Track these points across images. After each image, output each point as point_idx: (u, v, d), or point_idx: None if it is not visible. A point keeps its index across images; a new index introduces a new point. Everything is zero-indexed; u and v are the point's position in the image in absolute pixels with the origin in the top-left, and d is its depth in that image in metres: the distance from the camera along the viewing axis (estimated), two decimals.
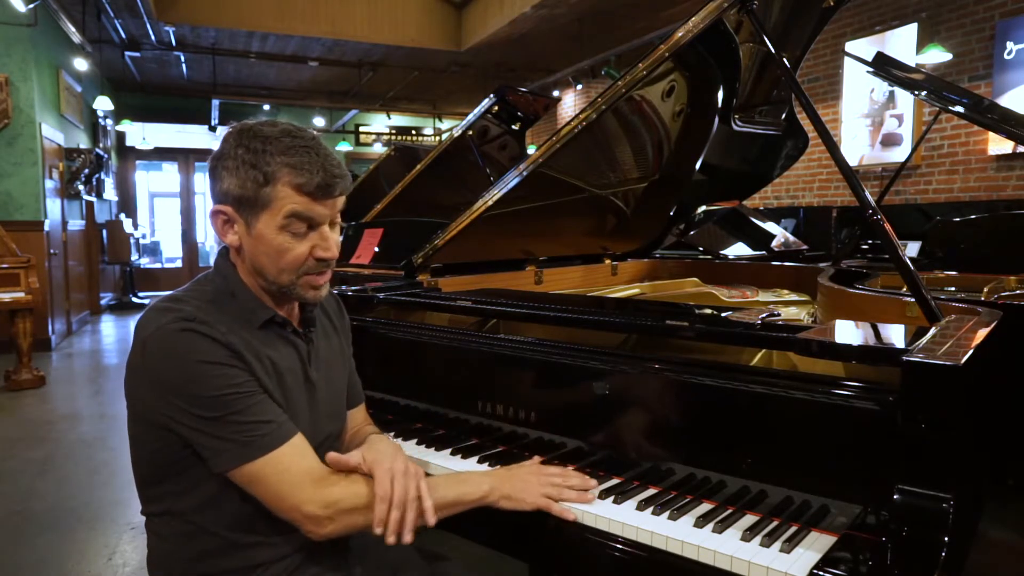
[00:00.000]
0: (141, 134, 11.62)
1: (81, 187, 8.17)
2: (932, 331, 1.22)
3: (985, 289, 2.20)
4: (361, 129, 12.65)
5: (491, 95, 3.12)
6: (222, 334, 1.10)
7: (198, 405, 1.06)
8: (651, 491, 1.27)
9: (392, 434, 1.60)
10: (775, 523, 1.12)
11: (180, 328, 1.08)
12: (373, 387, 1.67)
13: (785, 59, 1.73)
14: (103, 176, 9.22)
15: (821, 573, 0.99)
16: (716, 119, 2.26)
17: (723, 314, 1.39)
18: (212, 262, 1.26)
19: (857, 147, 6.54)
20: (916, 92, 3.44)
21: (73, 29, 7.26)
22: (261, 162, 1.09)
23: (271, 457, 1.08)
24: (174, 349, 1.07)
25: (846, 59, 6.47)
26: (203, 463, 1.10)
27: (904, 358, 1.02)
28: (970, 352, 1.05)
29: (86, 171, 8.20)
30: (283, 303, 1.23)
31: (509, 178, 1.96)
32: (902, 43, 6.03)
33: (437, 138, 12.39)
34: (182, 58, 9.75)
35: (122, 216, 10.72)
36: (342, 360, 1.38)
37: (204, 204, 13.57)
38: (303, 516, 1.08)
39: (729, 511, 1.17)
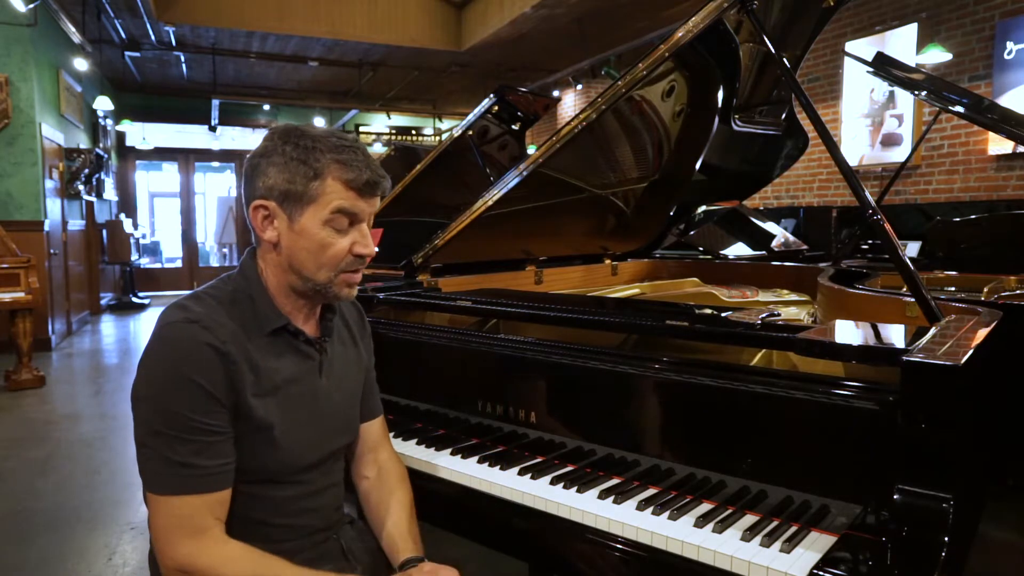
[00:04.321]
0: (141, 134, 11.62)
1: (81, 187, 8.16)
2: (932, 331, 1.22)
3: (985, 289, 2.20)
4: (361, 129, 12.65)
5: (491, 95, 3.12)
6: (222, 342, 1.09)
7: (158, 412, 1.06)
8: (651, 491, 1.27)
9: (393, 434, 1.60)
10: (775, 523, 1.13)
11: (183, 332, 1.08)
12: None
13: (785, 59, 1.73)
14: (103, 176, 9.22)
15: (821, 573, 0.99)
16: (716, 119, 2.26)
17: (723, 314, 1.39)
18: (211, 262, 1.26)
19: (857, 147, 6.53)
20: (916, 92, 3.44)
21: (73, 29, 7.26)
22: (311, 158, 1.13)
23: (170, 499, 1.06)
24: (169, 350, 1.08)
25: (846, 59, 6.47)
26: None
27: (904, 358, 1.02)
28: (970, 352, 1.05)
29: (86, 171, 8.19)
30: (307, 307, 1.23)
31: (509, 178, 1.96)
32: (902, 43, 6.03)
33: (437, 138, 12.39)
34: (182, 58, 9.74)
35: (122, 216, 10.71)
36: (359, 371, 1.36)
37: (204, 204, 13.57)
38: (163, 568, 1.07)
39: (729, 511, 1.17)
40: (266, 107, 12.35)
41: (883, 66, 3.09)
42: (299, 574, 1.09)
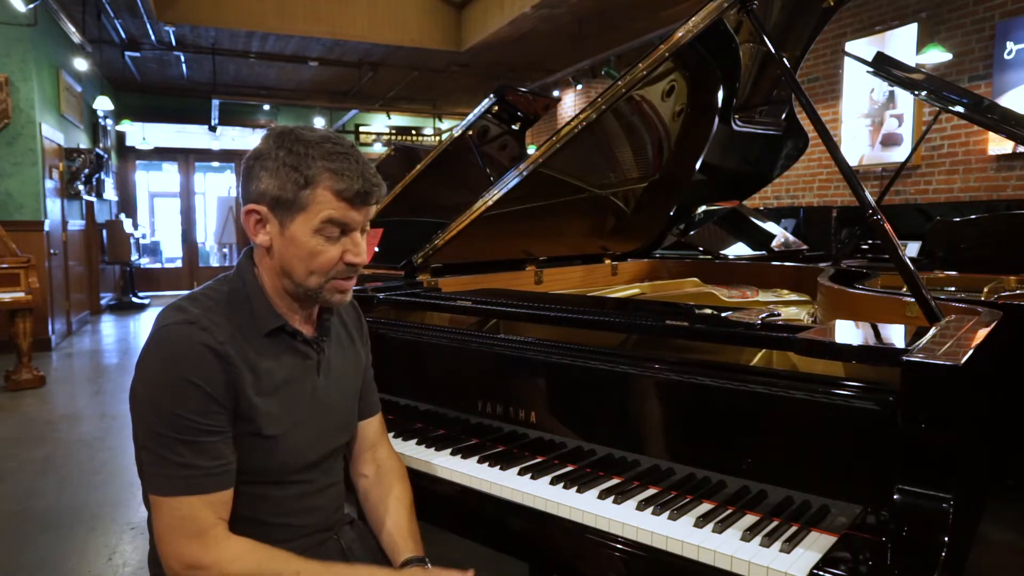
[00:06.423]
0: (141, 134, 11.62)
1: (81, 187, 8.16)
2: (932, 331, 1.22)
3: (985, 289, 2.20)
4: (361, 129, 12.65)
5: (491, 95, 3.12)
6: (220, 343, 1.09)
7: (157, 414, 1.06)
8: (651, 491, 1.27)
9: (392, 434, 1.60)
10: (775, 523, 1.13)
11: (180, 333, 1.08)
12: None
13: (785, 59, 1.72)
14: (103, 176, 9.21)
15: (821, 573, 0.99)
16: (716, 119, 2.26)
17: (723, 314, 1.39)
18: (211, 262, 1.26)
19: (857, 147, 6.53)
20: (916, 92, 3.43)
21: (73, 29, 7.26)
22: (303, 165, 1.11)
23: (172, 500, 1.06)
24: (166, 351, 1.08)
25: (846, 59, 6.47)
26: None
27: (904, 358, 1.02)
28: (970, 352, 1.05)
29: (86, 171, 8.19)
30: (303, 309, 1.23)
31: (509, 178, 1.96)
32: (902, 43, 6.03)
33: (437, 138, 12.39)
34: (182, 58, 9.75)
35: (122, 216, 10.71)
36: (356, 371, 1.36)
37: (204, 204, 13.57)
38: (168, 569, 1.07)
39: (729, 511, 1.17)
40: (266, 107, 12.35)
41: (883, 66, 3.09)
42: (304, 564, 1.10)
